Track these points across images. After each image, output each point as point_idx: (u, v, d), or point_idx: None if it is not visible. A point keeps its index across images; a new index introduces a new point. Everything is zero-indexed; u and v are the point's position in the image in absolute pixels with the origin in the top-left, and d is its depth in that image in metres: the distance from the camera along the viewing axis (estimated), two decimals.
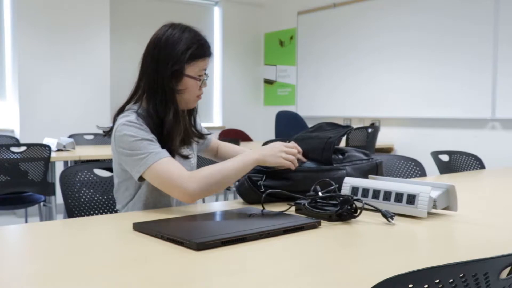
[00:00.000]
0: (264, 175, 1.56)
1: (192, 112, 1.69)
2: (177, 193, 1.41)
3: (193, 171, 1.44)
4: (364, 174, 1.56)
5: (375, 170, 1.60)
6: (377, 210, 1.30)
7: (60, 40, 5.15)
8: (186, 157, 1.60)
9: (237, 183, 1.56)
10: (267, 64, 6.89)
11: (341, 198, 1.29)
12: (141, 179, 1.46)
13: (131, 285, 0.79)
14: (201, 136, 1.74)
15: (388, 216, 1.25)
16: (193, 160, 1.68)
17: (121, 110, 1.57)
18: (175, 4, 6.23)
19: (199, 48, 1.51)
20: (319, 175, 1.51)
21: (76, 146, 3.70)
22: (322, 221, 1.24)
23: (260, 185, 1.53)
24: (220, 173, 1.42)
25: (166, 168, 1.40)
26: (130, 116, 1.49)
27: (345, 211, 1.27)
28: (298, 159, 1.53)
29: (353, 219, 1.28)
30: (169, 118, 1.50)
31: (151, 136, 1.46)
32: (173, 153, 1.52)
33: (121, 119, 1.49)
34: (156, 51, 1.51)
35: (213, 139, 1.86)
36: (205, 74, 1.57)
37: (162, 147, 1.48)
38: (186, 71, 1.51)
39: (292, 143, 1.53)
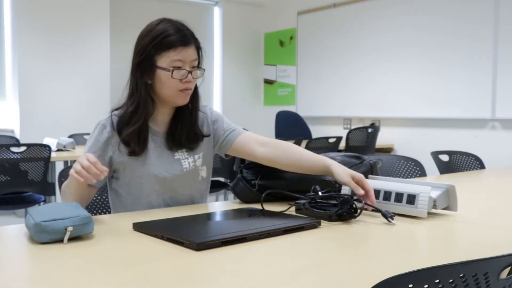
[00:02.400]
0: (259, 175, 1.56)
1: (191, 111, 1.55)
2: None
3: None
4: None
5: (370, 171, 1.60)
6: (377, 210, 1.30)
7: (60, 40, 5.15)
8: (133, 153, 1.48)
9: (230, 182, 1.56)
10: (267, 64, 6.89)
11: (341, 198, 1.29)
12: None
13: (131, 285, 0.79)
14: (198, 138, 1.57)
15: (388, 216, 1.25)
16: (186, 163, 1.55)
17: (117, 109, 1.55)
18: (175, 4, 6.23)
19: (167, 37, 1.43)
20: (315, 176, 1.50)
21: (76, 146, 3.70)
22: (322, 221, 1.24)
23: (254, 185, 1.53)
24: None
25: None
26: (105, 119, 1.52)
27: (345, 211, 1.27)
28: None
29: (353, 219, 1.28)
30: (129, 108, 1.47)
31: (95, 153, 1.45)
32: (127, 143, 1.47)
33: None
34: (135, 45, 1.50)
35: (243, 136, 1.59)
36: (193, 66, 1.46)
37: (124, 143, 1.48)
38: (157, 62, 1.44)
39: (91, 157, 1.28)
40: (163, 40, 1.43)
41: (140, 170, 1.48)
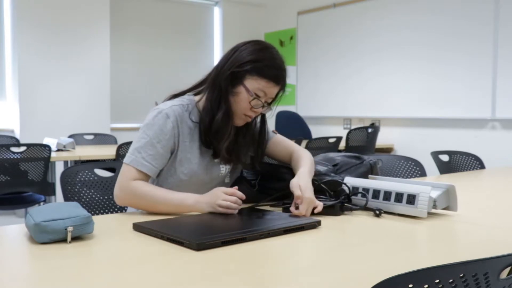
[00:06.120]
0: (259, 175, 1.56)
1: (259, 135, 1.63)
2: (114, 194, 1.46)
3: (137, 183, 1.41)
4: (360, 177, 1.56)
5: (370, 171, 1.60)
6: (365, 208, 1.30)
7: (60, 40, 5.15)
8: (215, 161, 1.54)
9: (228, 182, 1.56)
10: None
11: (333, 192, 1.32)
12: None
13: (131, 284, 0.79)
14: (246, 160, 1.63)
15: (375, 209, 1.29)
16: (223, 169, 1.58)
17: (177, 95, 1.57)
18: (175, 4, 6.23)
19: (267, 68, 1.46)
20: (316, 177, 1.50)
21: (76, 146, 3.70)
22: (321, 220, 1.24)
23: (255, 185, 1.53)
24: (152, 198, 1.39)
25: (126, 173, 1.43)
26: (168, 108, 1.49)
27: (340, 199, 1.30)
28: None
29: (352, 219, 1.28)
30: (218, 115, 1.48)
31: (160, 143, 1.45)
32: (217, 153, 1.50)
33: (165, 102, 1.52)
34: (232, 52, 1.52)
35: (273, 140, 1.72)
36: (267, 102, 1.51)
37: (207, 145, 1.49)
38: (245, 79, 1.47)
39: (232, 190, 1.35)
40: (265, 67, 1.46)
41: (186, 166, 1.50)
